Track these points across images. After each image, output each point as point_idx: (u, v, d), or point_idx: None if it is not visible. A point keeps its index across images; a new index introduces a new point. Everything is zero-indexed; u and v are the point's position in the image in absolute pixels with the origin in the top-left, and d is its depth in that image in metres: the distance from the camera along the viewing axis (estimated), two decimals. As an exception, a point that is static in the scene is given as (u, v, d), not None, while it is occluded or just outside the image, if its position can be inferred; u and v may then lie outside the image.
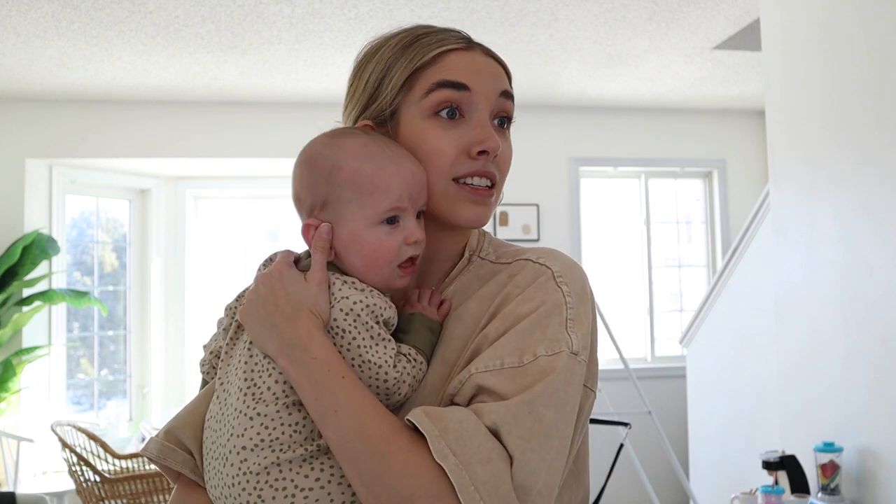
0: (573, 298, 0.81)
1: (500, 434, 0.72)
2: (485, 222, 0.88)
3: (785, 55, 2.65)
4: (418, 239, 0.83)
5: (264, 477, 0.76)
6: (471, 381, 0.77)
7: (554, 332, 0.77)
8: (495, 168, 0.87)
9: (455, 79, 0.85)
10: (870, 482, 2.21)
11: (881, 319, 2.17)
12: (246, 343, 0.84)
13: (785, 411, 2.65)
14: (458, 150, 0.85)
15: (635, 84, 4.48)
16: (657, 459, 4.03)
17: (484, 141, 0.84)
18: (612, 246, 5.18)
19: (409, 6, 3.20)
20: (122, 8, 3.16)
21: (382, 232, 0.82)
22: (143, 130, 4.57)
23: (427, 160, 0.85)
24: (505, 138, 0.89)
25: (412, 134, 0.86)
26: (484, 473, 0.70)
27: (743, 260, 3.36)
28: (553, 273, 0.82)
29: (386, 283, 0.84)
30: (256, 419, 0.78)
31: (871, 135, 2.23)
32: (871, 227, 2.21)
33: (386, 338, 0.80)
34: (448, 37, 0.89)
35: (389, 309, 0.82)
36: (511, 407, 0.73)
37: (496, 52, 0.93)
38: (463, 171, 0.85)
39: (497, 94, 0.87)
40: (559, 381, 0.75)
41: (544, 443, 0.73)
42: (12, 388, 4.02)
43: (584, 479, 0.90)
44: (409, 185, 0.83)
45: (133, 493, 3.40)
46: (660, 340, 5.13)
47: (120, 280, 5.07)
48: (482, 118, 0.86)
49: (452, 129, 0.85)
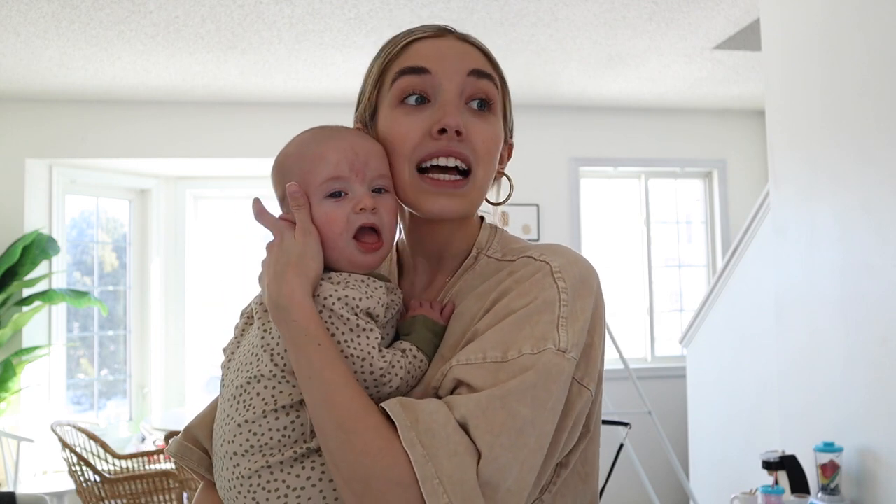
0: (569, 294, 0.78)
1: (468, 427, 0.71)
2: (456, 213, 0.84)
3: (785, 55, 2.65)
4: (366, 206, 0.82)
5: (256, 479, 0.77)
6: (451, 373, 0.76)
7: (543, 329, 0.75)
8: (466, 148, 0.83)
9: (415, 64, 0.84)
10: (870, 482, 2.21)
11: (881, 319, 2.17)
12: (242, 348, 0.85)
13: (785, 411, 2.65)
14: (422, 133, 0.83)
15: (635, 84, 4.48)
16: (657, 459, 4.03)
17: (442, 119, 0.82)
18: (612, 246, 5.18)
19: (409, 6, 3.20)
20: (122, 8, 3.16)
21: (329, 205, 0.82)
22: (143, 130, 4.57)
23: (392, 150, 0.85)
24: (485, 120, 0.86)
25: (383, 126, 0.86)
26: (450, 467, 0.69)
27: (743, 260, 3.36)
28: (552, 268, 0.79)
29: (348, 260, 0.83)
30: (245, 426, 0.78)
31: (871, 135, 2.23)
32: (871, 227, 2.21)
33: (366, 328, 0.79)
34: (421, 29, 0.88)
35: (369, 299, 0.80)
36: (481, 400, 0.72)
37: (477, 39, 0.90)
38: (426, 152, 0.83)
39: (464, 73, 0.84)
40: (537, 378, 0.73)
41: (516, 439, 0.71)
42: (12, 388, 4.02)
43: (592, 484, 0.87)
44: (347, 154, 0.83)
45: (133, 493, 3.40)
46: (660, 340, 5.13)
47: (120, 280, 5.07)
48: (446, 99, 0.84)
49: (417, 114, 0.84)
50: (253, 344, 0.83)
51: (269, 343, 0.80)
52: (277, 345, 0.79)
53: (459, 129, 0.82)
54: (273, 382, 0.79)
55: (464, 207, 0.85)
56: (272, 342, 0.80)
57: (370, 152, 0.84)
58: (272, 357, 0.79)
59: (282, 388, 0.78)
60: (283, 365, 0.79)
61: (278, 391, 0.78)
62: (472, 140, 0.84)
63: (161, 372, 5.01)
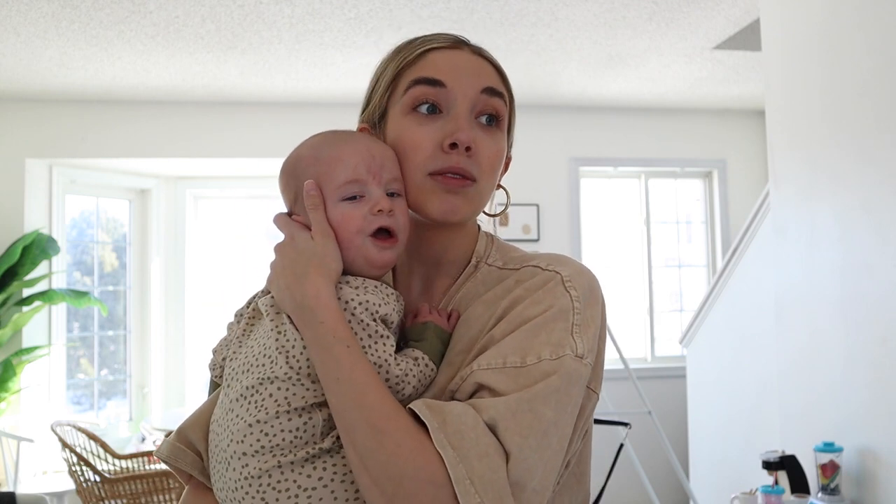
0: (581, 303, 0.81)
1: (497, 429, 0.73)
2: (459, 215, 0.85)
3: (785, 55, 2.65)
4: (383, 207, 0.82)
5: (266, 479, 0.76)
6: (471, 377, 0.78)
7: (559, 336, 0.78)
8: (473, 165, 0.85)
9: (431, 75, 0.86)
10: (870, 482, 2.21)
11: (881, 319, 2.17)
12: (249, 349, 0.85)
13: (785, 411, 2.65)
14: (434, 145, 0.84)
15: (635, 84, 4.48)
16: (657, 459, 4.03)
17: (454, 133, 0.83)
18: (612, 246, 5.18)
19: (409, 6, 3.20)
20: (122, 8, 3.16)
21: (346, 206, 0.83)
22: (143, 130, 4.57)
23: (404, 156, 0.86)
24: (491, 136, 0.87)
25: (394, 131, 0.88)
26: (480, 468, 0.70)
27: (743, 260, 3.36)
28: (562, 278, 0.82)
29: (365, 258, 0.83)
30: (256, 426, 0.78)
31: (871, 135, 2.23)
32: (871, 227, 2.21)
33: (384, 335, 0.80)
34: (437, 38, 0.89)
35: (386, 305, 0.81)
36: (510, 403, 0.74)
37: (490, 53, 0.92)
38: (437, 166, 0.84)
39: (477, 90, 0.86)
40: (560, 382, 0.76)
41: (542, 440, 0.74)
42: (12, 388, 4.03)
43: (585, 483, 0.90)
44: (365, 157, 0.83)
45: (133, 493, 3.40)
46: (660, 340, 5.13)
47: (120, 280, 5.07)
48: (458, 113, 0.85)
49: (429, 124, 0.85)
50: (265, 346, 0.82)
51: (285, 345, 0.80)
52: (293, 347, 0.79)
53: (470, 144, 0.84)
54: (287, 384, 0.78)
55: (468, 210, 0.86)
56: (287, 344, 0.80)
57: (385, 156, 0.85)
58: (287, 360, 0.79)
59: (296, 390, 0.78)
60: (298, 368, 0.79)
61: (292, 393, 0.78)
62: (479, 155, 0.85)
63: (161, 372, 5.01)
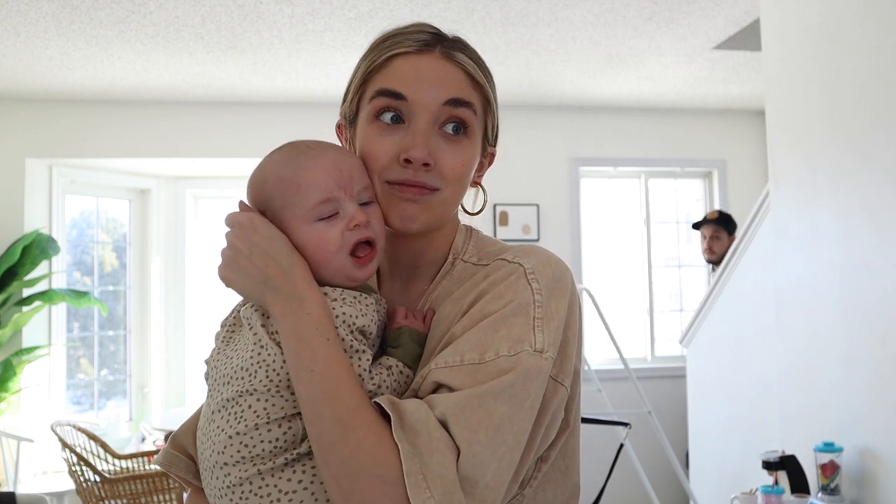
0: (542, 296, 0.80)
1: (448, 425, 0.73)
2: (417, 224, 0.85)
3: (785, 55, 2.65)
4: (360, 222, 0.82)
5: (247, 486, 0.78)
6: (430, 376, 0.78)
7: (519, 331, 0.77)
8: (433, 178, 0.84)
9: (392, 87, 0.84)
10: (870, 482, 2.21)
11: (881, 319, 2.17)
12: (228, 360, 0.84)
13: (785, 411, 2.65)
14: (391, 157, 0.84)
15: (635, 84, 4.48)
16: (657, 459, 4.03)
17: (409, 149, 0.82)
18: (612, 246, 5.18)
19: (409, 6, 3.20)
20: (122, 8, 3.16)
21: (322, 226, 0.82)
22: (143, 130, 4.57)
23: (367, 164, 0.86)
24: (457, 145, 0.86)
25: (360, 138, 0.88)
26: (432, 463, 0.71)
27: (743, 260, 3.36)
28: (525, 270, 0.81)
29: (345, 276, 0.83)
30: (236, 438, 0.79)
31: (870, 135, 2.23)
32: (871, 227, 2.21)
33: (360, 349, 0.79)
34: (405, 39, 0.87)
35: (363, 317, 0.81)
36: (460, 399, 0.74)
37: (463, 54, 0.88)
38: (394, 176, 0.84)
39: (440, 102, 0.84)
40: (516, 377, 0.75)
41: (494, 436, 0.73)
42: (12, 388, 4.03)
43: (573, 475, 0.90)
44: (333, 174, 0.82)
45: (133, 493, 3.40)
46: (660, 340, 5.13)
47: (120, 280, 5.07)
48: (417, 126, 0.84)
49: (390, 135, 0.85)
50: (244, 358, 0.82)
51: (266, 359, 0.80)
52: (273, 361, 0.79)
53: (426, 160, 0.83)
54: (266, 396, 0.79)
55: (427, 218, 0.85)
56: (269, 358, 0.80)
57: (353, 167, 0.84)
58: (268, 373, 0.79)
59: (275, 401, 0.79)
60: (278, 381, 0.79)
61: (271, 405, 0.78)
62: (441, 167, 0.84)
63: (161, 372, 5.01)
